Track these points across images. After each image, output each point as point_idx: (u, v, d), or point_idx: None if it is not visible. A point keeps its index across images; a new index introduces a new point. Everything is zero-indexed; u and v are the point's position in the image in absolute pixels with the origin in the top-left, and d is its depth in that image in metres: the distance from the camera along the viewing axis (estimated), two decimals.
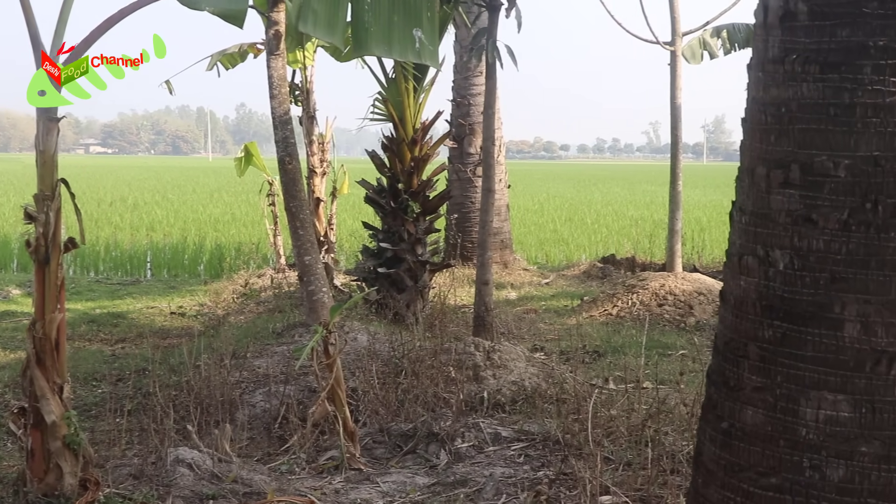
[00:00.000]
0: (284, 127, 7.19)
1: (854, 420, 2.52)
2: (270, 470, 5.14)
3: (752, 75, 2.76)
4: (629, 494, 4.47)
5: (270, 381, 6.45)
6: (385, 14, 5.27)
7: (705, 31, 12.97)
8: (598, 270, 14.76)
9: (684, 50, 12.51)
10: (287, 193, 7.27)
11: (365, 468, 5.18)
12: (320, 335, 5.30)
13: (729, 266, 2.84)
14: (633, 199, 36.44)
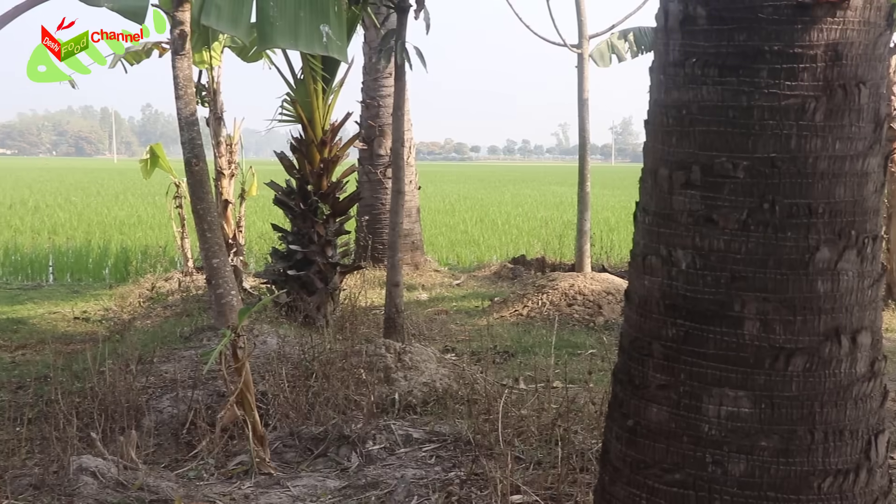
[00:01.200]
0: (191, 128, 7.02)
1: (754, 416, 2.58)
2: (178, 476, 5.02)
3: (654, 78, 2.81)
4: (540, 493, 4.49)
5: (178, 386, 6.31)
6: (291, 9, 5.22)
7: (613, 34, 13.19)
8: (508, 271, 14.86)
9: (593, 52, 12.71)
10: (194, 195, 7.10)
11: (275, 472, 5.10)
12: (229, 338, 5.21)
13: (633, 266, 2.89)
14: (543, 200, 36.82)
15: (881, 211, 2.71)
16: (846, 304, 2.58)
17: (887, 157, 2.71)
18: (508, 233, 22.42)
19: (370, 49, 14.54)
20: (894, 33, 2.70)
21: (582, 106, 11.82)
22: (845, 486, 2.59)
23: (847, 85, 2.51)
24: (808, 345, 2.56)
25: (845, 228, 2.56)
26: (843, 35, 2.50)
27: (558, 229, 20.17)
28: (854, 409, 2.61)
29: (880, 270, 2.69)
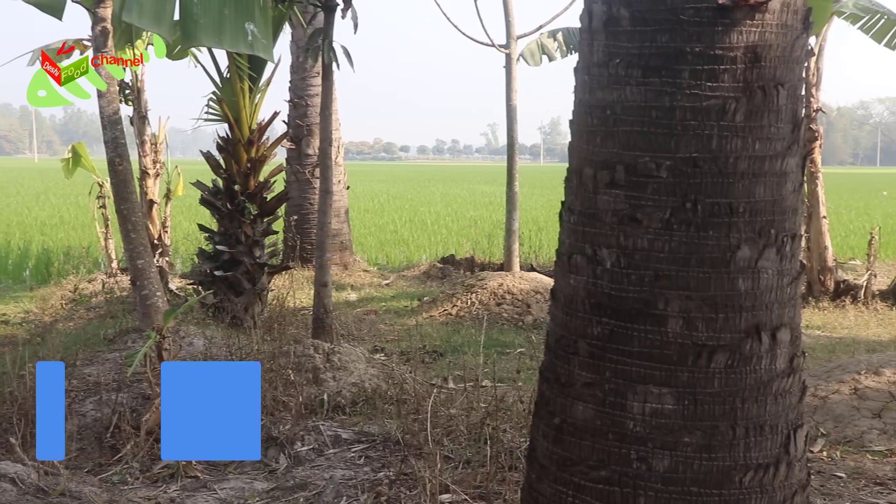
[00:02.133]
0: (114, 127, 6.90)
1: (678, 412, 2.61)
2: (101, 481, 4.91)
3: (579, 78, 2.83)
4: (468, 492, 4.50)
5: (102, 390, 6.16)
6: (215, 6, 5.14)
7: (542, 34, 13.28)
8: (437, 271, 14.87)
9: (524, 51, 12.78)
10: (118, 196, 6.99)
11: (202, 475, 5.02)
12: (154, 340, 5.12)
13: (559, 265, 2.90)
14: (472, 200, 36.93)
15: (799, 210, 2.77)
16: (766, 301, 2.63)
17: (805, 158, 2.77)
18: (438, 232, 22.44)
19: (297, 48, 14.42)
20: (810, 36, 2.75)
21: (510, 106, 11.88)
22: (766, 479, 2.64)
23: (766, 86, 2.56)
24: (729, 342, 2.60)
25: (765, 227, 2.60)
26: (761, 37, 2.55)
27: (487, 229, 20.25)
28: (774, 405, 2.66)
29: (799, 268, 2.74)
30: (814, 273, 12.26)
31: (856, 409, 5.77)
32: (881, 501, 4.45)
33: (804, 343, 8.85)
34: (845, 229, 22.32)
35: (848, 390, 5.97)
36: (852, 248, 18.39)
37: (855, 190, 45.63)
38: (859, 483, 4.77)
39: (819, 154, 12.28)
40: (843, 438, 5.52)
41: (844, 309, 11.69)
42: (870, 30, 11.99)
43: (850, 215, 27.76)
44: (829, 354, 8.71)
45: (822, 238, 12.25)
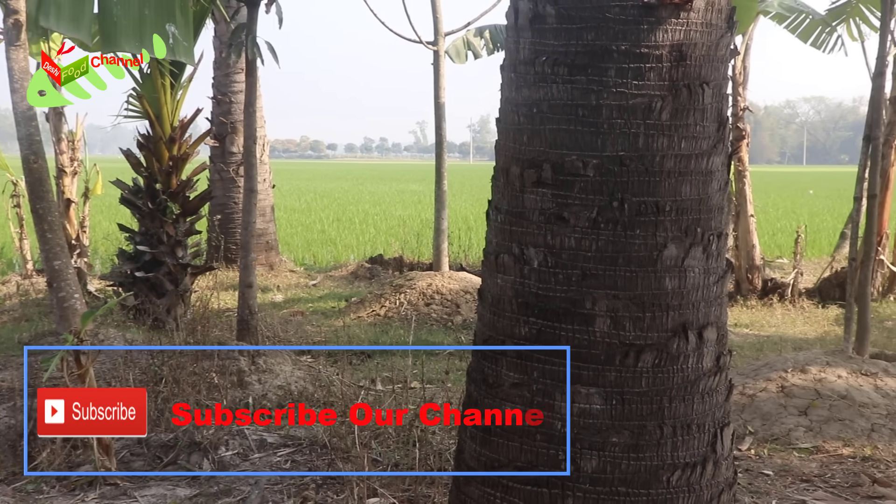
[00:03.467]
0: (28, 123, 6.68)
1: (605, 412, 2.60)
2: (15, 490, 4.75)
3: (505, 76, 2.80)
4: (397, 495, 4.46)
5: (16, 395, 5.96)
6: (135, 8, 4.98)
7: (469, 30, 13.26)
8: (365, 271, 14.77)
9: (450, 49, 12.75)
10: (33, 194, 6.76)
11: (121, 483, 4.88)
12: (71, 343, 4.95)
13: (486, 264, 2.87)
14: (401, 199, 36.86)
15: (725, 208, 2.78)
16: (693, 300, 2.63)
17: (730, 156, 2.79)
18: (366, 232, 22.32)
19: (221, 43, 14.16)
20: (735, 35, 2.77)
21: (438, 104, 11.84)
22: (693, 478, 2.64)
23: (691, 85, 2.56)
24: (656, 341, 2.59)
25: (691, 226, 2.61)
26: (686, 36, 2.55)
27: (416, 228, 20.19)
28: (701, 404, 2.67)
29: (725, 267, 2.76)
30: (742, 272, 12.48)
31: (783, 407, 5.87)
32: (807, 498, 4.52)
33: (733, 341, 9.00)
34: (773, 228, 22.79)
35: (775, 388, 6.07)
36: (780, 246, 18.80)
37: (782, 189, 46.60)
38: (786, 480, 4.84)
39: (746, 153, 12.49)
40: (770, 436, 5.61)
41: (772, 307, 11.90)
42: (795, 29, 12.22)
43: (778, 214, 28.37)
44: (756, 352, 8.87)
45: (750, 237, 12.46)
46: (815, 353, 6.81)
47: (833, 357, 6.46)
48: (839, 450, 5.36)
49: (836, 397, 5.87)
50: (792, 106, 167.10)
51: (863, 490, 4.59)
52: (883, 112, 9.08)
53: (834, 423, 5.65)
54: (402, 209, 30.26)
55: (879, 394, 5.94)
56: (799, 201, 35.71)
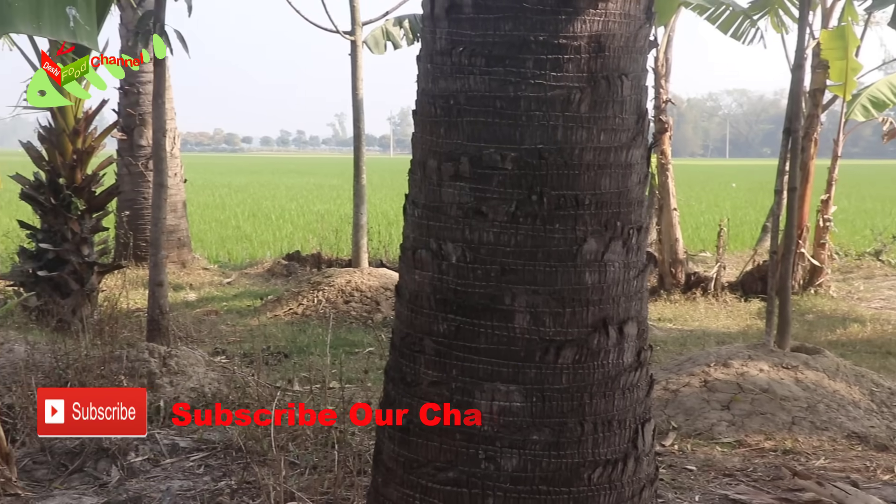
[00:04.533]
0: None
1: (526, 409, 2.56)
2: None
3: (422, 67, 2.74)
4: (315, 499, 4.37)
5: None
6: None
7: (388, 20, 13.14)
8: (282, 268, 14.56)
9: (368, 39, 12.60)
10: None
11: (23, 493, 4.68)
12: None
13: (404, 260, 2.81)
14: (319, 194, 36.54)
15: (645, 202, 2.76)
16: (613, 295, 2.61)
17: (650, 149, 2.77)
18: (283, 228, 22.05)
19: (127, 31, 13.76)
20: (653, 27, 2.75)
21: (356, 96, 11.70)
22: (614, 475, 2.62)
23: (610, 76, 2.54)
24: (577, 336, 2.56)
25: (611, 219, 2.58)
26: (605, 27, 2.52)
27: (335, 223, 20.01)
28: (622, 399, 2.64)
29: (645, 261, 2.74)
30: (665, 266, 12.60)
31: (706, 402, 5.92)
32: (730, 493, 4.57)
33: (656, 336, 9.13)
34: (696, 221, 23.18)
35: (698, 383, 6.13)
36: (703, 240, 19.15)
37: (705, 182, 47.41)
38: (709, 475, 4.89)
39: (669, 145, 12.60)
40: (693, 431, 5.66)
41: (695, 301, 12.05)
42: (716, 20, 12.39)
43: (701, 207, 28.84)
44: (680, 347, 8.98)
45: (673, 230, 12.57)
46: (737, 347, 6.92)
47: (755, 351, 6.56)
48: (761, 443, 5.45)
49: (757, 391, 5.95)
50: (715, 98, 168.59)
51: (784, 483, 4.66)
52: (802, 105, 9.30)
53: (756, 417, 5.73)
54: (320, 204, 29.99)
55: (800, 387, 6.05)
56: (722, 194, 36.40)
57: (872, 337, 9.79)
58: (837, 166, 12.91)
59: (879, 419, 5.90)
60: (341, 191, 36.51)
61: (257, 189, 40.41)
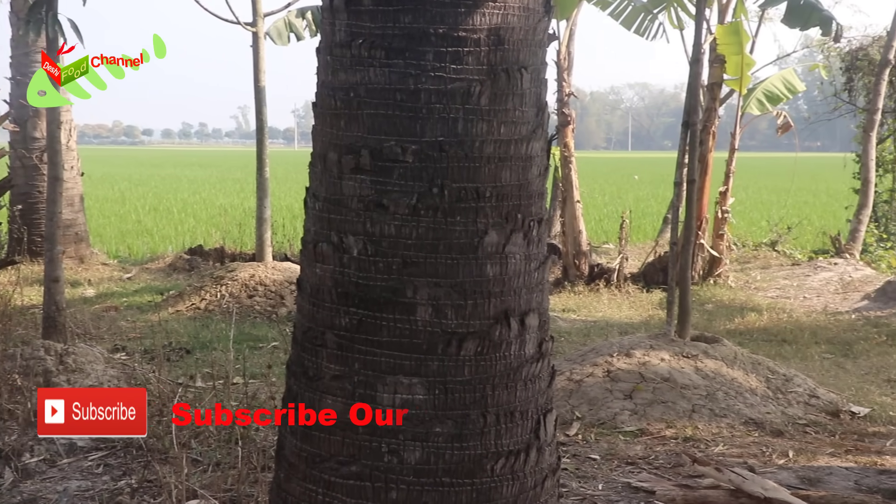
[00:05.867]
0: None
1: (428, 402, 2.57)
2: None
3: (321, 59, 2.71)
4: (218, 496, 4.30)
5: None
6: None
7: (290, 12, 12.97)
8: (184, 262, 14.29)
9: (270, 31, 12.42)
10: None
11: None
12: None
13: (305, 254, 2.78)
14: (222, 187, 35.95)
15: (545, 194, 2.79)
16: (514, 286, 2.63)
17: (550, 142, 2.80)
18: (185, 222, 21.62)
19: (18, 20, 13.29)
20: (552, 20, 2.77)
21: (258, 88, 11.53)
22: (517, 466, 2.64)
23: (510, 69, 2.55)
24: (479, 328, 2.57)
25: (512, 212, 2.60)
26: (504, 20, 2.53)
27: (238, 217, 19.73)
28: (524, 391, 2.67)
29: (546, 253, 2.76)
30: (569, 257, 12.74)
31: (609, 392, 6.01)
32: (632, 480, 4.65)
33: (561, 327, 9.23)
34: (599, 213, 23.55)
35: (601, 373, 6.21)
36: (606, 231, 19.45)
37: (608, 174, 48.06)
38: (612, 464, 4.97)
39: (572, 138, 12.73)
40: (597, 420, 5.75)
41: (599, 292, 12.23)
42: (618, 16, 12.57)
43: (604, 199, 29.33)
44: (584, 338, 9.10)
45: (577, 222, 12.71)
46: (639, 337, 7.04)
47: (656, 340, 6.69)
48: (662, 431, 5.57)
49: (659, 380, 6.07)
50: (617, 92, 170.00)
51: (684, 470, 4.77)
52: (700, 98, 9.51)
53: (657, 406, 5.85)
54: (223, 198, 29.49)
55: (700, 375, 6.19)
56: (625, 187, 37.01)
57: (769, 325, 10.12)
58: (735, 159, 13.27)
59: (775, 405, 6.09)
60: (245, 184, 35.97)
61: (159, 182, 39.51)
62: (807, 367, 8.01)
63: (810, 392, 6.40)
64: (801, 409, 6.10)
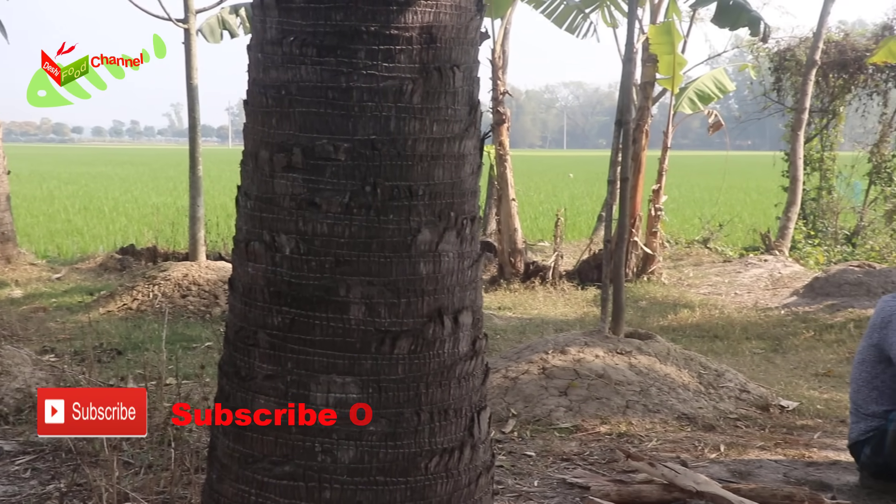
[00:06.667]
0: None
1: (362, 401, 2.56)
2: None
3: (252, 56, 2.69)
4: (151, 498, 4.23)
5: None
6: None
7: (223, 8, 12.80)
8: (116, 262, 14.04)
9: (203, 28, 12.25)
10: None
11: None
12: None
13: (237, 253, 2.76)
14: (155, 186, 35.38)
15: (478, 192, 2.80)
16: (448, 284, 2.63)
17: (482, 140, 2.81)
18: (116, 221, 21.24)
19: None
20: (483, 18, 2.79)
21: (191, 86, 11.36)
22: (451, 463, 2.65)
23: (442, 68, 2.55)
24: (412, 327, 2.57)
25: (445, 210, 2.60)
26: (436, 18, 2.54)
27: (171, 216, 19.44)
28: (458, 388, 2.67)
29: (479, 251, 2.78)
30: (504, 255, 12.76)
31: (544, 389, 6.03)
32: (567, 476, 4.68)
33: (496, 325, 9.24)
34: (535, 211, 23.67)
35: (537, 370, 6.23)
36: (542, 229, 19.57)
37: (544, 172, 48.25)
38: (547, 460, 4.99)
39: (507, 137, 12.75)
40: (532, 417, 5.76)
41: (534, 290, 12.27)
42: (551, 14, 12.64)
43: (540, 197, 29.44)
44: (519, 335, 9.14)
45: (512, 220, 12.73)
46: (574, 334, 7.09)
47: (591, 337, 6.73)
48: (597, 427, 5.61)
49: (593, 377, 6.11)
50: (552, 91, 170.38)
51: (618, 465, 4.82)
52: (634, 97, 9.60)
53: (592, 402, 5.88)
54: (156, 196, 29.03)
55: (634, 371, 6.26)
56: (560, 185, 37.21)
57: (701, 322, 10.28)
58: (668, 157, 13.46)
59: (707, 400, 6.19)
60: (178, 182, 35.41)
61: (89, 181, 38.72)
62: (738, 362, 8.16)
63: (741, 387, 6.52)
64: (732, 404, 6.21)
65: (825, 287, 11.21)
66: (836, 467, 4.88)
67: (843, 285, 11.05)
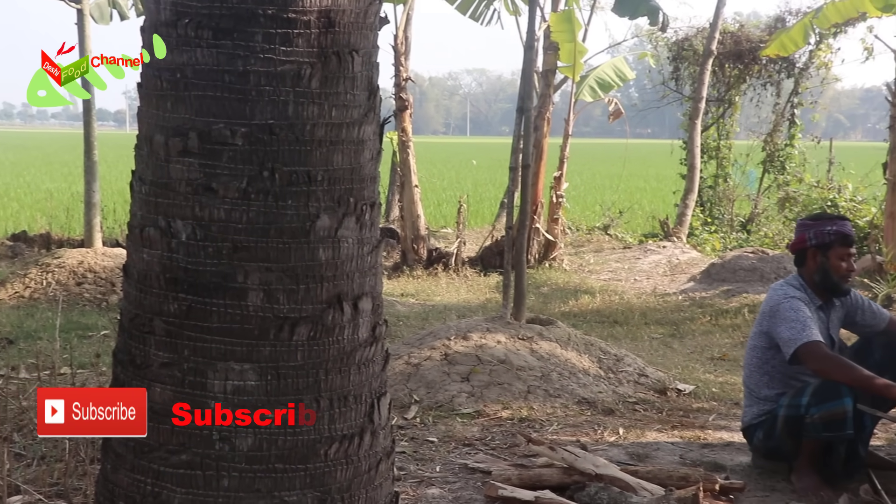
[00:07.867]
0: None
1: (261, 388, 2.54)
2: None
3: (146, 39, 2.63)
4: (44, 490, 4.13)
5: None
6: None
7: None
8: (7, 249, 13.56)
9: (92, 9, 11.88)
10: None
11: None
12: None
13: (131, 239, 2.69)
14: (48, 171, 34.20)
15: (377, 178, 2.80)
16: (347, 270, 2.62)
17: (382, 126, 2.81)
18: (7, 206, 20.47)
19: None
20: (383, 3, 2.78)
21: None
22: (350, 450, 2.65)
23: (341, 52, 2.54)
24: (311, 313, 2.56)
25: (344, 196, 2.59)
26: (335, 2, 2.52)
27: (66, 202, 18.84)
28: (357, 375, 2.67)
29: (379, 237, 2.78)
30: (407, 242, 12.75)
31: (446, 375, 6.05)
32: (469, 461, 4.72)
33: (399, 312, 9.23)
34: (438, 198, 23.64)
35: (439, 356, 6.24)
36: (445, 216, 19.57)
37: (447, 159, 48.17)
38: (450, 446, 5.02)
39: (410, 123, 12.72)
40: (435, 403, 5.78)
41: (437, 276, 12.30)
42: (454, 1, 12.66)
43: (443, 184, 29.44)
44: (422, 322, 9.14)
45: (415, 207, 12.73)
46: (476, 320, 7.13)
47: (493, 323, 6.78)
48: (499, 413, 5.66)
49: (495, 362, 6.16)
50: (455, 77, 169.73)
51: (520, 450, 4.88)
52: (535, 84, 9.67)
53: (494, 388, 5.93)
54: (49, 182, 28.07)
55: (535, 357, 6.33)
56: (463, 172, 37.28)
57: (601, 307, 10.48)
58: (569, 144, 13.65)
59: (606, 385, 6.31)
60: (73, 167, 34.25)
61: None
62: (637, 346, 8.35)
63: (640, 371, 6.67)
64: (631, 388, 6.34)
65: (721, 273, 11.53)
66: (730, 448, 5.04)
67: (738, 271, 11.39)
